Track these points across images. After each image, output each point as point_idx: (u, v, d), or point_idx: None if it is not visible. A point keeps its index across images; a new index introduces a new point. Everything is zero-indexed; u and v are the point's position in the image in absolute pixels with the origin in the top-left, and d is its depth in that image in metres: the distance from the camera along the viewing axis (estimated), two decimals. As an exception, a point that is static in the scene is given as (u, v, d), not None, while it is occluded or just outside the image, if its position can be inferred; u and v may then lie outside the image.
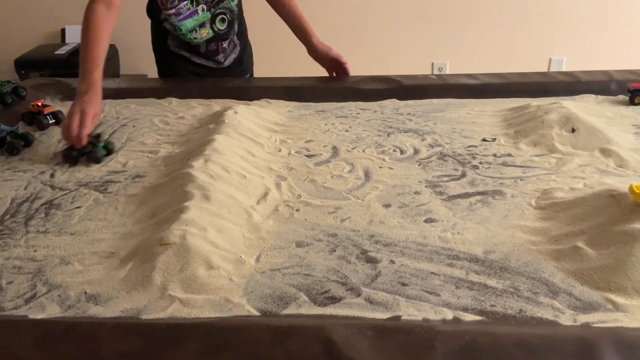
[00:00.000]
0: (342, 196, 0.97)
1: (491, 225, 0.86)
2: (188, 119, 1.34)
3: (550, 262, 0.76)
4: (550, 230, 0.82)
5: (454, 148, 1.14)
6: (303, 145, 1.18)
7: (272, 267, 0.77)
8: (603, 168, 1.01)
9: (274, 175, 1.04)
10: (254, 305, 0.70)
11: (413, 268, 0.76)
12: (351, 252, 0.81)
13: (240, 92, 1.47)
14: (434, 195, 0.96)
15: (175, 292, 0.71)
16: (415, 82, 1.48)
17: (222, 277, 0.74)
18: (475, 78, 1.47)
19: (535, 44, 3.04)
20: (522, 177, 1.00)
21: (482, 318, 0.66)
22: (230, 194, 0.91)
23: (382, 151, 1.14)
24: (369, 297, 0.71)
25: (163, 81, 1.60)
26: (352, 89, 1.48)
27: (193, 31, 1.51)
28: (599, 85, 1.40)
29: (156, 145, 1.20)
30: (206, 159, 0.99)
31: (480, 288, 0.72)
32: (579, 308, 0.67)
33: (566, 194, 0.90)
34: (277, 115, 1.34)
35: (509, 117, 1.26)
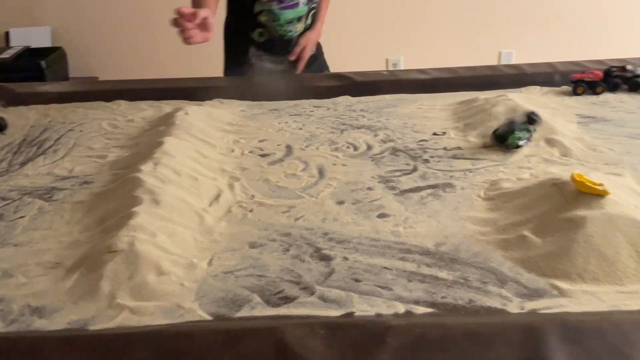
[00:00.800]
0: (296, 195, 0.97)
1: (442, 218, 0.87)
2: (138, 122, 1.30)
3: (499, 251, 0.78)
4: (498, 221, 0.84)
5: (405, 143, 1.15)
6: (256, 145, 1.17)
7: (224, 270, 0.76)
8: (548, 158, 1.04)
9: (226, 176, 1.03)
10: (206, 309, 0.69)
11: (366, 264, 0.77)
12: (305, 250, 0.80)
13: (191, 92, 1.44)
14: (386, 190, 0.97)
15: (124, 301, 0.69)
16: (367, 79, 1.49)
17: (173, 282, 0.73)
18: (426, 73, 1.49)
19: (486, 38, 3.11)
20: (471, 169, 1.02)
21: (433, 310, 0.67)
22: (181, 197, 0.90)
23: (336, 148, 1.15)
24: (322, 295, 0.71)
25: (112, 83, 1.56)
26: (306, 87, 1.48)
27: (290, 24, 1.48)
28: (544, 77, 1.44)
29: (104, 150, 1.16)
30: (155, 163, 0.97)
31: (432, 280, 0.73)
32: (525, 295, 0.69)
33: (513, 184, 0.92)
34: (230, 115, 1.33)
35: (458, 111, 1.28)
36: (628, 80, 1.39)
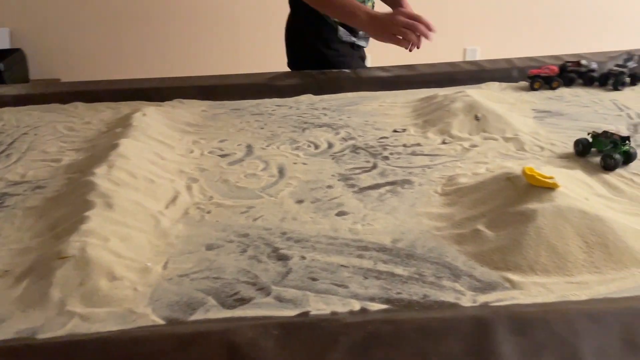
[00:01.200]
0: (256, 195, 0.96)
1: (399, 214, 0.88)
2: (95, 124, 1.28)
3: (454, 246, 0.79)
4: (454, 215, 0.85)
5: (366, 140, 1.16)
6: (216, 145, 1.16)
7: (180, 273, 0.75)
8: (504, 152, 1.06)
9: (184, 177, 1.01)
10: (159, 314, 0.67)
11: (323, 262, 0.77)
12: (262, 251, 0.80)
13: (151, 93, 1.42)
14: (346, 188, 0.97)
15: (75, 308, 0.68)
16: (329, 77, 1.49)
17: (126, 287, 0.71)
18: (387, 70, 1.50)
19: (450, 35, 3.14)
20: (429, 166, 1.03)
21: (388, 306, 0.67)
22: (136, 200, 0.88)
23: (297, 147, 1.15)
24: (278, 295, 0.70)
25: (69, 85, 1.53)
26: (268, 86, 1.47)
27: None
28: (502, 73, 1.46)
29: (59, 153, 1.14)
30: (110, 165, 0.95)
31: (388, 277, 0.73)
32: (478, 289, 0.70)
33: (469, 179, 0.93)
34: (190, 115, 1.31)
35: (418, 108, 1.29)
36: (583, 75, 1.42)
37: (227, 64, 2.99)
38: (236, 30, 3.00)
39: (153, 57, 2.96)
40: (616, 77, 1.37)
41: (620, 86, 1.37)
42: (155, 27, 2.95)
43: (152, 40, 2.96)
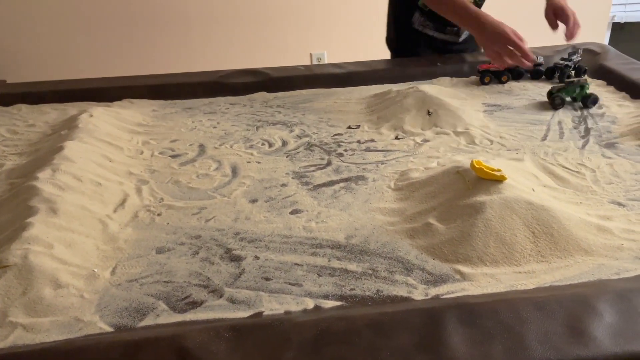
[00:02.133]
0: (208, 195, 0.94)
1: (353, 211, 0.88)
2: (40, 126, 1.23)
3: (406, 240, 0.79)
4: (406, 210, 0.86)
5: (320, 137, 1.15)
6: (168, 146, 1.14)
7: (129, 278, 0.73)
8: (455, 146, 1.08)
9: (134, 179, 0.99)
10: (107, 321, 0.65)
11: (277, 261, 0.76)
12: (215, 252, 0.79)
13: (99, 93, 1.38)
14: (300, 185, 0.97)
15: (17, 318, 0.65)
16: (283, 74, 1.48)
17: (72, 295, 0.69)
18: (341, 67, 1.50)
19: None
20: (383, 161, 1.03)
21: (342, 303, 0.67)
22: (83, 205, 0.85)
23: (251, 145, 1.13)
24: (231, 296, 0.69)
25: (11, 86, 1.46)
26: (221, 84, 1.45)
27: None
28: (453, 68, 1.49)
29: (1, 158, 1.09)
30: (54, 169, 0.92)
31: (341, 273, 0.73)
32: (430, 282, 0.71)
33: (421, 174, 0.94)
34: (140, 115, 1.28)
35: (372, 104, 1.30)
36: (531, 69, 1.46)
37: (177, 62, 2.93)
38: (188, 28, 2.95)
39: (101, 58, 2.87)
40: (562, 71, 1.41)
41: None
42: (102, 26, 2.87)
43: (100, 40, 2.88)
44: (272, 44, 3.10)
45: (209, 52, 2.99)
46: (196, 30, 2.96)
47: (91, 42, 2.90)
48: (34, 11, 2.88)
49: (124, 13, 2.87)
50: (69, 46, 2.93)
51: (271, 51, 3.11)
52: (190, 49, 2.98)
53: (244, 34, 3.04)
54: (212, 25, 2.97)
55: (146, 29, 2.90)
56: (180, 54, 2.94)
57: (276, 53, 3.12)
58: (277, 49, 3.12)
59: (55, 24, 2.90)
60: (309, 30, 3.13)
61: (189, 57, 2.95)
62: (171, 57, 2.92)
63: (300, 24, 3.10)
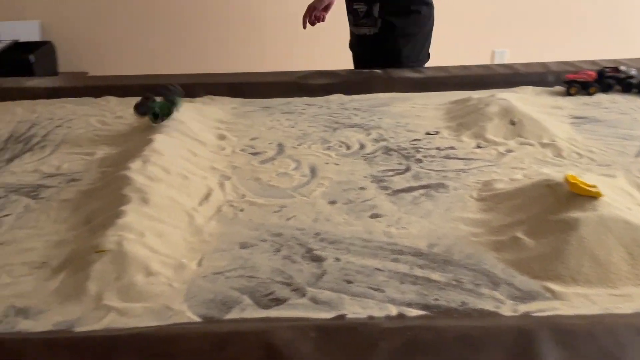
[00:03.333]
0: (288, 194, 0.95)
1: (434, 219, 0.86)
2: (127, 118, 1.28)
3: (492, 253, 0.77)
4: (491, 222, 0.83)
5: (398, 142, 1.14)
6: (248, 143, 1.16)
7: (214, 271, 0.75)
8: (541, 158, 1.04)
9: (217, 174, 1.01)
10: (195, 311, 0.67)
11: (358, 265, 0.76)
12: (296, 251, 0.79)
13: (182, 88, 1.42)
14: (379, 190, 0.96)
15: (112, 302, 0.68)
16: (360, 77, 1.48)
17: (161, 283, 0.71)
18: (420, 72, 1.49)
19: (478, 36, 3.10)
20: (464, 170, 1.01)
21: (426, 312, 0.66)
22: (171, 196, 0.88)
23: (328, 147, 1.14)
24: (313, 296, 0.70)
25: (101, 79, 1.54)
26: (298, 85, 1.47)
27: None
28: (537, 77, 1.44)
29: (92, 147, 1.15)
30: (145, 160, 0.96)
31: (424, 282, 0.72)
32: (518, 298, 0.68)
33: (506, 185, 0.92)
34: (221, 112, 1.31)
35: (451, 110, 1.27)
36: (621, 81, 1.38)
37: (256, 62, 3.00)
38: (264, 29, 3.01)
39: (183, 54, 2.98)
40: (655, 84, 1.34)
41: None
42: (184, 23, 2.97)
43: (181, 36, 2.98)
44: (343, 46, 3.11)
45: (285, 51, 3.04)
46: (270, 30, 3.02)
47: (167, 38, 3.01)
48: (116, 5, 3.02)
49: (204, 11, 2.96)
50: (148, 42, 3.05)
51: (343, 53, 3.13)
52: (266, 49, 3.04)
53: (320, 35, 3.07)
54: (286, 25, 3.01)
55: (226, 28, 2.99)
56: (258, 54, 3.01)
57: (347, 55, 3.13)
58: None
59: (137, 19, 3.03)
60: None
61: (265, 56, 3.01)
62: (248, 56, 2.99)
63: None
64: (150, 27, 3.01)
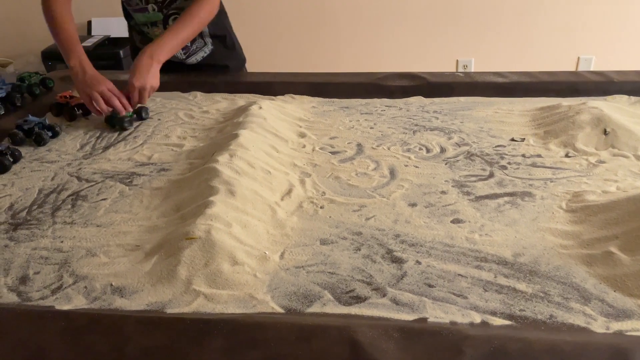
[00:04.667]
0: (367, 194, 0.96)
1: (520, 228, 0.84)
2: (212, 113, 1.34)
3: (582, 266, 0.74)
4: (581, 234, 0.80)
5: (481, 147, 1.12)
6: (327, 142, 1.17)
7: (296, 265, 0.77)
8: (636, 171, 0.98)
9: (298, 171, 1.03)
10: (278, 302, 0.69)
11: (440, 269, 0.75)
12: (376, 251, 0.80)
13: (264, 87, 1.46)
14: (461, 195, 0.94)
15: (200, 287, 0.71)
16: (441, 80, 1.46)
17: (246, 273, 0.74)
18: (504, 76, 1.44)
19: (563, 42, 2.98)
20: (552, 179, 0.97)
21: (511, 323, 0.65)
22: (255, 190, 0.91)
23: (408, 149, 1.13)
24: (394, 297, 0.70)
25: (188, 75, 1.61)
26: (378, 86, 1.47)
27: (145, 26, 1.52)
28: (632, 85, 1.36)
29: (181, 139, 1.20)
30: (231, 154, 0.99)
31: (509, 292, 0.70)
32: (611, 315, 0.65)
33: (598, 197, 0.87)
34: (301, 110, 1.33)
35: (538, 117, 1.23)
36: None
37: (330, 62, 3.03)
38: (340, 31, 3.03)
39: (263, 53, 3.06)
40: None
41: None
42: (264, 24, 3.05)
43: (261, 36, 3.06)
44: (418, 49, 3.08)
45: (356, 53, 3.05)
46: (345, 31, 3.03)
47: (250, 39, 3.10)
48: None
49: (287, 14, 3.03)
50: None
51: (416, 55, 3.10)
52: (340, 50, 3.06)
53: (392, 38, 3.05)
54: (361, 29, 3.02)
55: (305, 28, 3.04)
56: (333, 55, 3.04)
57: (421, 58, 3.10)
58: (422, 53, 3.10)
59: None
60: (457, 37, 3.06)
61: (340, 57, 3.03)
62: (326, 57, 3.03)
63: (447, 30, 3.04)
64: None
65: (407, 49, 3.08)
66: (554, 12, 2.93)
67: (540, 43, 2.99)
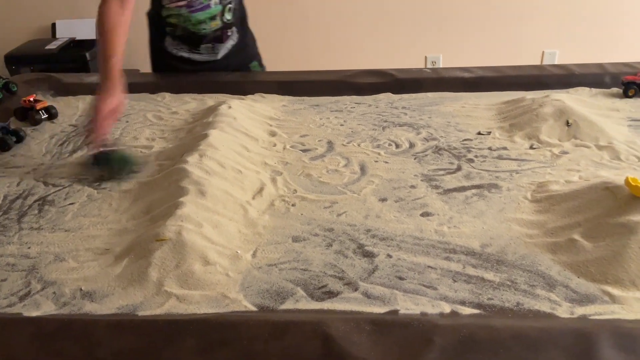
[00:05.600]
0: (338, 190, 0.97)
1: (487, 219, 0.86)
2: (182, 114, 1.33)
3: (547, 254, 0.76)
4: (546, 223, 0.82)
5: (449, 142, 1.14)
6: (298, 140, 1.18)
7: (268, 263, 0.77)
8: (598, 161, 1.01)
9: (269, 170, 1.03)
10: (251, 300, 0.69)
11: (410, 262, 0.76)
12: (348, 246, 0.80)
13: (233, 86, 1.46)
14: (429, 189, 0.96)
15: (172, 288, 0.71)
16: (409, 76, 1.48)
17: (218, 272, 0.74)
18: (470, 71, 1.47)
19: (528, 37, 3.04)
20: (517, 170, 1.00)
21: (480, 311, 0.66)
22: (226, 190, 0.91)
23: (378, 145, 1.14)
24: (366, 291, 0.71)
25: (156, 76, 1.59)
26: (347, 83, 1.47)
27: (203, 22, 1.51)
28: (593, 78, 1.40)
29: (149, 141, 1.19)
30: (201, 154, 0.99)
31: (478, 281, 0.72)
32: (575, 300, 0.67)
33: (562, 187, 0.90)
34: (272, 109, 1.33)
35: (503, 110, 1.26)
36: (682, 83, 1.33)
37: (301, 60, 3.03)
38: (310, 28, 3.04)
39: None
40: None
41: None
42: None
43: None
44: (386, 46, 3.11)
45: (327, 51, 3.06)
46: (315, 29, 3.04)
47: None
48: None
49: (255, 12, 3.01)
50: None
51: (385, 52, 3.12)
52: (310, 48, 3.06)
53: (362, 35, 3.07)
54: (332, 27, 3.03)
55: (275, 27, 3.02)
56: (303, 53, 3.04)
57: (390, 54, 3.12)
58: (391, 50, 3.12)
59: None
60: (425, 33, 3.09)
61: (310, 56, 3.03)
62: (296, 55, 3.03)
63: (415, 27, 3.08)
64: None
65: (377, 46, 3.10)
66: (519, 8, 2.99)
67: (506, 38, 3.05)
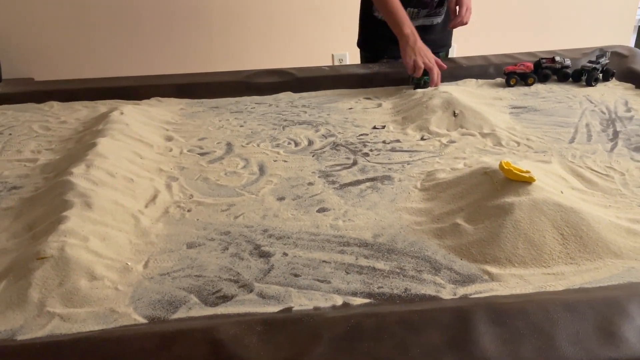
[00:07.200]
0: (236, 192, 0.96)
1: (380, 210, 0.88)
2: (71, 123, 1.26)
3: (434, 240, 0.80)
4: (433, 210, 0.86)
5: (346, 137, 1.16)
6: (196, 144, 1.16)
7: (161, 272, 0.75)
8: (482, 147, 1.08)
9: (164, 176, 1.01)
10: (141, 313, 0.67)
11: (305, 258, 0.77)
12: (244, 248, 0.80)
13: (128, 91, 1.41)
14: (326, 184, 0.97)
15: (55, 308, 0.67)
16: (309, 74, 1.49)
17: (106, 287, 0.71)
18: (366, 67, 1.51)
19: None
20: (409, 162, 1.04)
21: (370, 300, 0.68)
22: (116, 200, 0.87)
23: (277, 144, 1.15)
24: (261, 291, 0.71)
25: (44, 84, 1.50)
26: (247, 84, 1.47)
27: None
28: (479, 69, 1.48)
29: (35, 153, 1.12)
30: (88, 165, 0.94)
31: (369, 271, 0.74)
32: (458, 281, 0.71)
33: (447, 175, 0.95)
34: (169, 113, 1.30)
35: (397, 104, 1.30)
36: (557, 71, 1.45)
37: (204, 62, 2.97)
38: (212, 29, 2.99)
39: (128, 56, 2.93)
40: (589, 73, 1.40)
41: (594, 82, 1.40)
42: (130, 25, 2.92)
43: (127, 38, 2.93)
44: (292, 45, 3.12)
45: (231, 52, 3.02)
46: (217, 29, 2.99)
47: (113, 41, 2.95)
48: (59, 10, 2.93)
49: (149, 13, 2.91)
50: (94, 44, 2.98)
51: (291, 52, 3.14)
52: (213, 49, 3.01)
53: (265, 35, 3.07)
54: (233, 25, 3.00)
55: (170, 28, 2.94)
56: (203, 54, 2.98)
57: (296, 54, 3.14)
58: (297, 49, 3.14)
59: (80, 22, 2.95)
60: (330, 32, 3.14)
61: (211, 57, 2.98)
62: (195, 57, 2.96)
63: (321, 25, 3.12)
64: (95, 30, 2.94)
65: (284, 45, 3.11)
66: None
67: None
